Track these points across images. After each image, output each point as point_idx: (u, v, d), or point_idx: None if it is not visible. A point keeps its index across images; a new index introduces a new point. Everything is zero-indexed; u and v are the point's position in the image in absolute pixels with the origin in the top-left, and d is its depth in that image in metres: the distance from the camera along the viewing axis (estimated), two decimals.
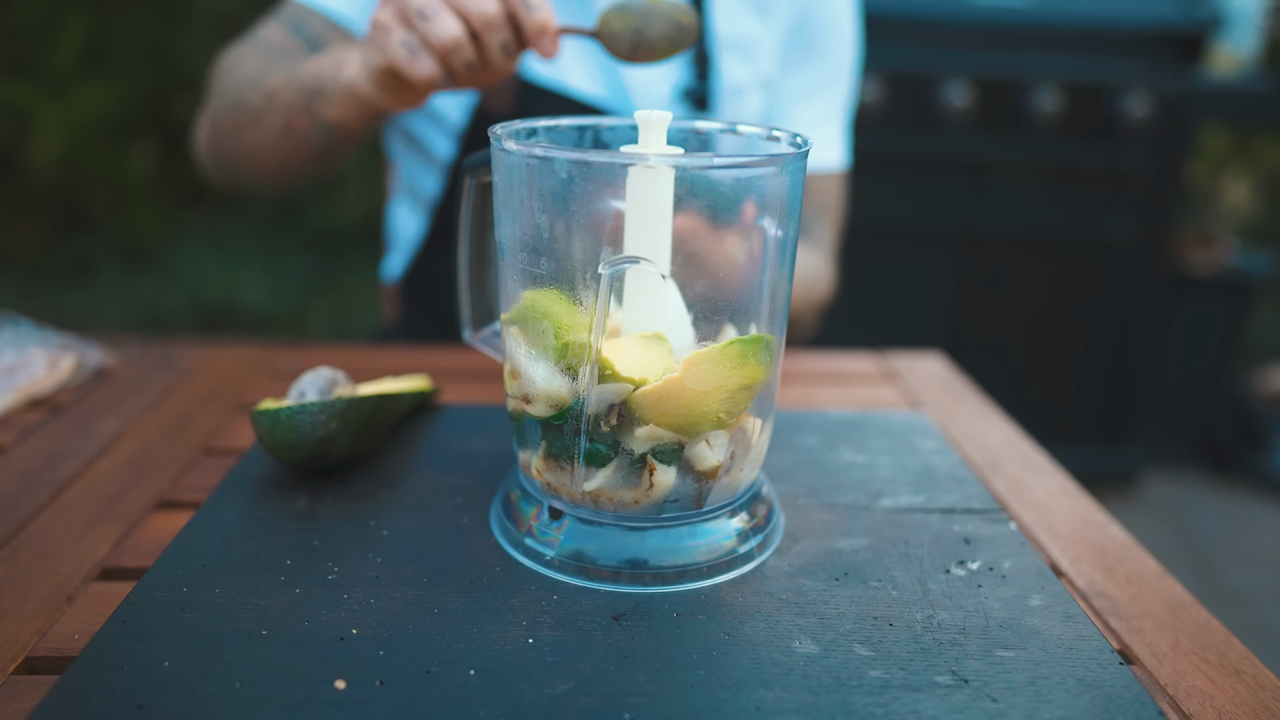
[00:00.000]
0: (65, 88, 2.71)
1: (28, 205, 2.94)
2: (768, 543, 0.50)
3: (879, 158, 1.89)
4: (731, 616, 0.44)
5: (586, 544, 0.47)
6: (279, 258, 3.06)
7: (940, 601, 0.46)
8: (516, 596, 0.45)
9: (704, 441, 0.45)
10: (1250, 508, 2.11)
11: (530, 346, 0.46)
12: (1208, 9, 1.90)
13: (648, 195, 0.42)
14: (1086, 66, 1.84)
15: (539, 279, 0.44)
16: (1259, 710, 0.40)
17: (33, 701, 0.38)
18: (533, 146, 0.42)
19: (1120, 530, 0.56)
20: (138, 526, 0.53)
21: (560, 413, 0.45)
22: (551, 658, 0.41)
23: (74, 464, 0.60)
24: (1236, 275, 2.13)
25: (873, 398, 0.76)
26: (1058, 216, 1.91)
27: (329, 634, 0.42)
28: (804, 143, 0.46)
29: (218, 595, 0.44)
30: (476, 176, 0.54)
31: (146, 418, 0.67)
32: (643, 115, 0.45)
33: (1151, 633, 0.46)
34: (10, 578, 0.48)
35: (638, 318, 0.45)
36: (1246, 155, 2.97)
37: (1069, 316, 1.97)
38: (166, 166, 3.03)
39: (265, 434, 0.54)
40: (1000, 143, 1.87)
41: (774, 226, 0.44)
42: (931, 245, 1.94)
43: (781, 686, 0.39)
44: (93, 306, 2.79)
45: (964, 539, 0.52)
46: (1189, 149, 1.89)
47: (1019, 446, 0.68)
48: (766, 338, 0.46)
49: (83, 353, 0.76)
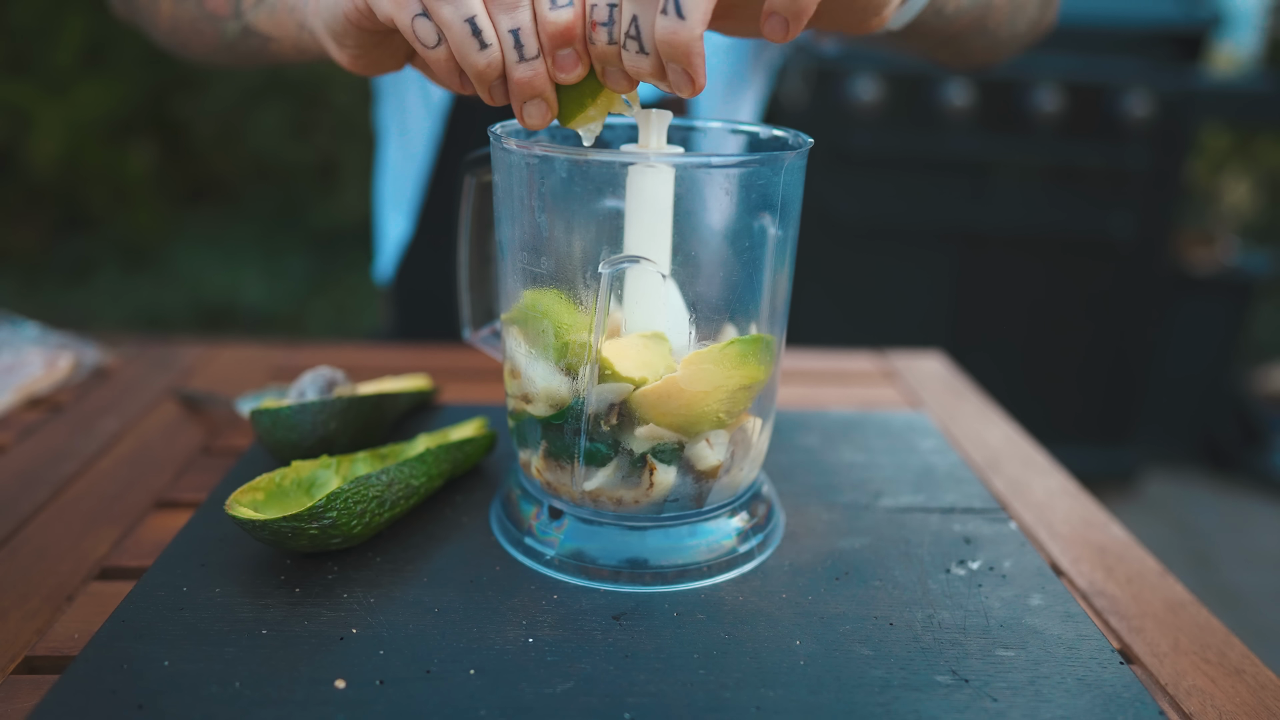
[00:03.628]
0: (65, 87, 2.71)
1: (27, 204, 2.94)
2: (768, 542, 0.50)
3: (879, 158, 1.89)
4: (731, 616, 0.44)
5: (586, 543, 0.47)
6: (279, 257, 3.06)
7: (940, 601, 0.46)
8: (516, 596, 0.45)
9: (704, 441, 0.45)
10: (1250, 507, 2.11)
11: (530, 346, 0.46)
12: (1208, 8, 1.90)
13: (648, 194, 0.42)
14: (1086, 66, 1.84)
15: (539, 278, 0.44)
16: (1259, 710, 0.40)
17: (32, 701, 0.38)
18: (533, 146, 0.42)
19: (1120, 530, 0.56)
20: (137, 526, 0.53)
21: (560, 412, 0.45)
22: (551, 657, 0.40)
23: (73, 463, 0.60)
24: (1237, 274, 2.13)
25: (873, 397, 0.76)
26: (1058, 216, 1.91)
27: (329, 634, 0.42)
28: (804, 142, 0.46)
29: (218, 595, 0.44)
30: (477, 176, 0.54)
31: (146, 417, 0.67)
32: (642, 114, 0.45)
33: (1152, 632, 0.46)
34: (10, 577, 0.48)
35: (638, 317, 0.45)
36: (1247, 154, 2.97)
37: (1069, 316, 1.97)
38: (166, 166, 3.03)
39: (265, 433, 0.54)
40: (1000, 142, 1.87)
41: (774, 226, 0.44)
42: (931, 245, 1.94)
43: (781, 686, 0.39)
44: (92, 306, 2.79)
45: (964, 538, 0.52)
46: (1189, 148, 1.89)
47: (1019, 446, 0.68)
48: (766, 338, 0.46)
49: (80, 352, 0.76)
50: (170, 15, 0.64)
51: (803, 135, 0.47)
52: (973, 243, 1.93)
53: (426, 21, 0.40)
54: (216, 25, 0.62)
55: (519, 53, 0.39)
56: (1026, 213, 1.91)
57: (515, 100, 0.41)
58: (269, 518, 0.44)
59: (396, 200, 0.97)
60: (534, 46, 0.39)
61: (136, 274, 2.92)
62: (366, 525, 0.46)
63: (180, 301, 2.83)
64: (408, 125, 0.92)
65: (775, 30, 0.40)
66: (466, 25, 0.39)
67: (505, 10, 0.39)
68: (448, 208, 0.91)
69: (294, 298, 2.92)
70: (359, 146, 2.90)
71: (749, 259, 0.44)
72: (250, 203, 3.20)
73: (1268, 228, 2.92)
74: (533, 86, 0.40)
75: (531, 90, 0.41)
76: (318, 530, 0.44)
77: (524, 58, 0.40)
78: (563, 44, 0.39)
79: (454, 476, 0.55)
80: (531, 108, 0.42)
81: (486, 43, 0.39)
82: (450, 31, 0.39)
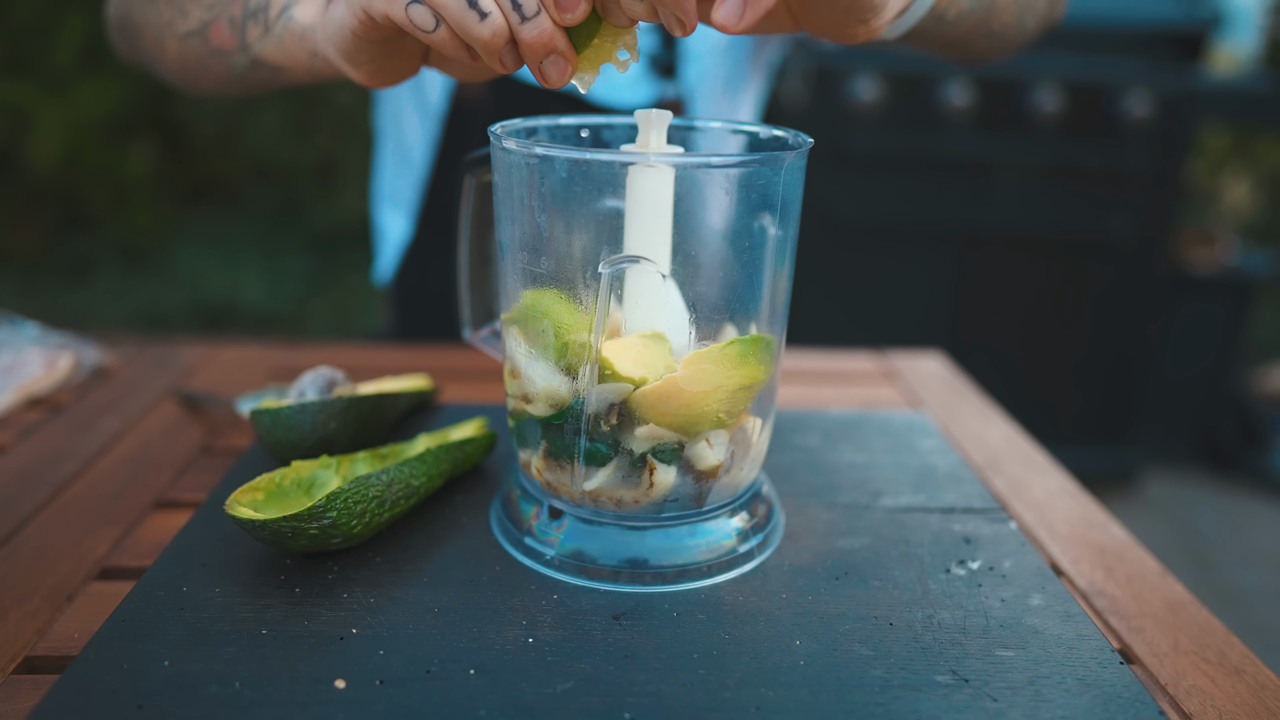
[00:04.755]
0: (65, 87, 2.71)
1: (27, 204, 2.94)
2: (768, 542, 0.50)
3: (879, 158, 1.89)
4: (731, 616, 0.44)
5: (586, 543, 0.47)
6: (279, 257, 3.06)
7: (940, 601, 0.46)
8: (516, 596, 0.45)
9: (704, 441, 0.45)
10: (1250, 507, 2.11)
11: (530, 346, 0.46)
12: (1208, 8, 1.90)
13: (648, 194, 0.42)
14: (1086, 66, 1.84)
15: (539, 278, 0.44)
16: (1259, 710, 0.40)
17: (32, 701, 0.38)
18: (533, 145, 0.42)
19: (1120, 529, 0.56)
20: (137, 526, 0.53)
21: (560, 412, 0.45)
22: (551, 657, 0.40)
23: (73, 463, 0.60)
24: (1237, 274, 2.13)
25: (873, 397, 0.76)
26: (1058, 216, 1.91)
27: (329, 634, 0.42)
28: (804, 142, 0.46)
29: (218, 595, 0.44)
30: (476, 176, 0.54)
31: (146, 417, 0.67)
32: (642, 114, 0.45)
33: (1152, 632, 0.46)
34: (10, 577, 0.48)
35: (638, 317, 0.45)
36: (1247, 154, 2.97)
37: (1069, 316, 1.97)
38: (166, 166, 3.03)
39: (265, 433, 0.54)
40: (1000, 142, 1.87)
41: (774, 226, 0.44)
42: (931, 245, 1.94)
43: (781, 686, 0.39)
44: (92, 306, 2.79)
45: (964, 538, 0.52)
46: (1189, 148, 1.89)
47: (1019, 446, 0.68)
48: (766, 338, 0.46)
49: (80, 352, 0.76)
50: (177, 54, 0.64)
51: (803, 135, 0.47)
52: (973, 243, 1.93)
53: (419, 7, 0.40)
54: (224, 60, 0.61)
55: (519, 14, 0.39)
56: (1026, 213, 1.91)
57: (530, 61, 0.41)
58: (269, 518, 0.44)
59: (395, 201, 0.97)
60: (532, 4, 0.39)
61: (136, 274, 2.92)
62: (366, 525, 0.46)
63: (180, 301, 2.83)
64: (403, 127, 0.92)
65: (730, 12, 0.38)
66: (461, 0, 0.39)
67: None
68: (447, 208, 0.91)
69: (294, 298, 2.92)
70: (359, 146, 2.90)
71: (749, 259, 0.44)
72: (250, 203, 3.20)
73: (1268, 228, 2.93)
74: (543, 43, 0.40)
75: (544, 47, 0.40)
76: (318, 530, 0.44)
77: (526, 17, 0.39)
78: None
79: (454, 476, 0.55)
80: (549, 65, 0.41)
81: (485, 11, 0.39)
82: (447, 11, 0.39)
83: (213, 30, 0.60)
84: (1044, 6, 0.68)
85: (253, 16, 0.57)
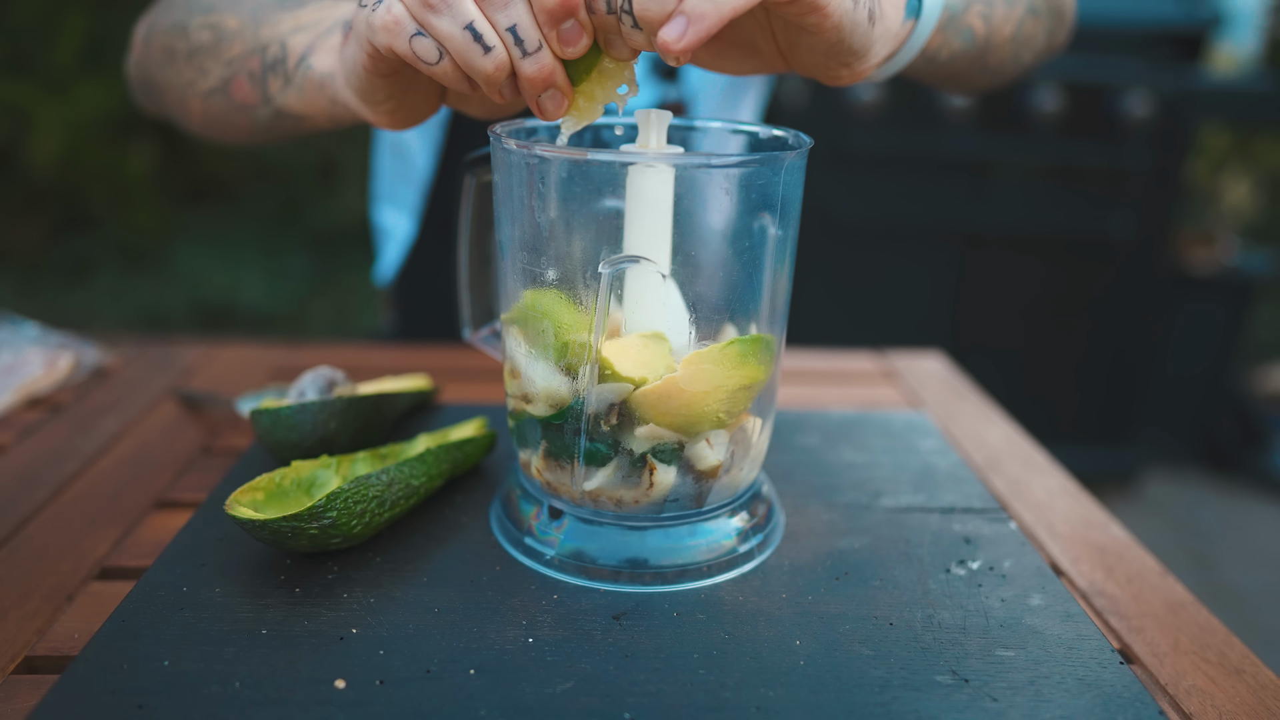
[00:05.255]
0: (65, 86, 2.71)
1: (27, 204, 2.94)
2: (768, 542, 0.50)
3: (879, 158, 1.89)
4: (731, 616, 0.44)
5: (586, 543, 0.47)
6: (279, 257, 3.06)
7: (940, 601, 0.46)
8: (516, 596, 0.45)
9: (704, 441, 0.45)
10: (1250, 507, 2.11)
11: (530, 346, 0.46)
12: (1208, 8, 1.90)
13: (648, 194, 0.42)
14: (1086, 66, 1.84)
15: (539, 279, 0.44)
16: (1259, 710, 0.40)
17: (32, 701, 0.38)
18: (533, 146, 0.42)
19: (1120, 529, 0.56)
20: (137, 526, 0.53)
21: (560, 412, 0.45)
22: (551, 657, 0.40)
23: (73, 463, 0.60)
24: (1237, 274, 2.13)
25: (873, 397, 0.76)
26: (1058, 216, 1.91)
27: (329, 634, 0.42)
28: (804, 142, 0.46)
29: (218, 595, 0.44)
30: (477, 176, 0.54)
31: (146, 417, 0.67)
32: (642, 114, 0.45)
33: (1152, 632, 0.46)
34: (10, 577, 0.48)
35: (638, 317, 0.45)
36: (1247, 154, 2.97)
37: (1069, 316, 1.97)
38: (166, 166, 3.03)
39: (265, 433, 0.54)
40: (1000, 142, 1.87)
41: (774, 226, 0.44)
42: (931, 245, 1.94)
43: (782, 686, 0.39)
44: (92, 306, 2.79)
45: (964, 538, 0.52)
46: (1189, 148, 1.89)
47: (1019, 446, 0.68)
48: (766, 338, 0.46)
49: (80, 352, 0.76)
50: (201, 112, 0.64)
51: (803, 135, 0.47)
52: (973, 243, 1.93)
53: (423, 39, 0.40)
54: (248, 114, 0.61)
55: (521, 48, 0.39)
56: (1026, 213, 1.91)
57: (528, 95, 0.42)
58: (269, 518, 0.44)
59: (395, 201, 0.97)
60: (534, 38, 0.39)
61: (136, 274, 2.92)
62: (366, 525, 0.46)
63: (180, 301, 2.83)
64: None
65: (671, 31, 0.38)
66: (467, 33, 0.39)
67: (499, 9, 0.39)
68: (448, 208, 0.91)
69: (294, 298, 2.92)
70: (359, 146, 2.90)
71: (749, 259, 0.44)
72: (250, 203, 3.20)
73: (1268, 228, 2.92)
74: (543, 78, 0.41)
75: (543, 82, 0.41)
76: (318, 530, 0.44)
77: (527, 52, 0.40)
78: (564, 17, 0.39)
79: (454, 476, 0.55)
80: (546, 99, 0.42)
81: (489, 45, 0.39)
82: (452, 43, 0.39)
83: (234, 86, 0.60)
84: (1043, 41, 0.67)
85: (272, 69, 0.57)
